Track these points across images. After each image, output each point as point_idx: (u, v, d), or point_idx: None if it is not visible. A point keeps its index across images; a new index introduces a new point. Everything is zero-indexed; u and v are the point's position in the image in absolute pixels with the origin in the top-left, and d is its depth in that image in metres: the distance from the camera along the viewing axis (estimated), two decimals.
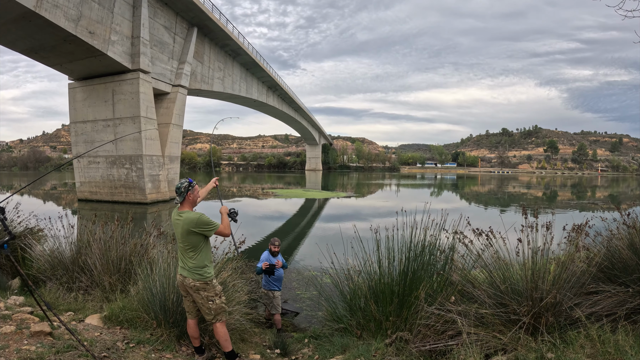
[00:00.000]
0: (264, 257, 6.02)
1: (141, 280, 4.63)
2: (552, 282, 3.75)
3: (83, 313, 4.73)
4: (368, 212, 23.88)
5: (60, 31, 20.28)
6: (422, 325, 3.90)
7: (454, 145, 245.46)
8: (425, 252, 4.14)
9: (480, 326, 3.82)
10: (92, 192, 28.66)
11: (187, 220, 3.56)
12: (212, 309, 3.66)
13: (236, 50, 40.63)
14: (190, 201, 3.73)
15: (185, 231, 3.57)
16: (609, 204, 30.87)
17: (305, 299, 7.89)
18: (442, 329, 3.97)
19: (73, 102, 28.41)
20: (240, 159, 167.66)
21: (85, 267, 5.66)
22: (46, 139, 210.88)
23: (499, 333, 3.70)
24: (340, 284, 4.55)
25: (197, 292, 3.64)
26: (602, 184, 72.88)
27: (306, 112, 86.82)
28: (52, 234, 6.44)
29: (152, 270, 4.64)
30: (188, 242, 3.61)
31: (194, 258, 3.62)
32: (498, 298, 3.94)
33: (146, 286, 4.45)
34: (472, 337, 3.66)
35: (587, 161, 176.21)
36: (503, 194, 44.46)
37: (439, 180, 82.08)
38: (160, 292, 4.28)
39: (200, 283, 3.62)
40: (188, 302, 3.81)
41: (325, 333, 4.34)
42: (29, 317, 4.02)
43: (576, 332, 3.50)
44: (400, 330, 3.81)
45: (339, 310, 4.30)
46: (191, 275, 3.61)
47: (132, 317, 4.35)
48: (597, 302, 3.91)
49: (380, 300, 3.99)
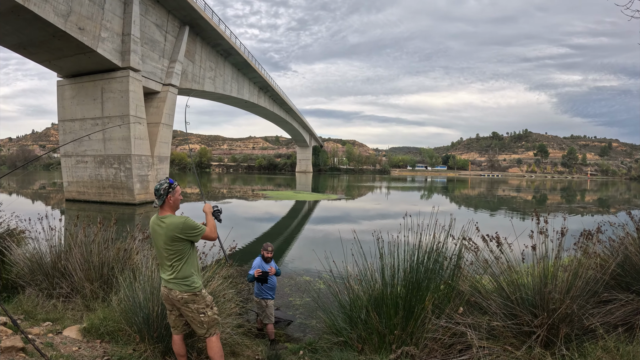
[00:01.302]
0: (256, 264, 5.68)
1: (123, 288, 4.27)
2: (565, 291, 3.53)
3: (61, 323, 4.37)
4: (358, 215, 23.71)
5: (49, 26, 19.78)
6: (429, 339, 3.63)
7: (444, 148, 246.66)
8: (431, 259, 3.85)
9: (490, 339, 3.59)
10: (79, 192, 28.08)
11: (171, 226, 3.20)
12: (204, 322, 3.31)
13: (228, 50, 40.24)
14: (171, 205, 3.34)
15: (170, 238, 3.21)
16: (601, 206, 31.00)
17: (299, 306, 7.56)
18: (450, 342, 3.71)
19: (62, 99, 27.80)
20: (230, 160, 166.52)
21: (66, 272, 5.27)
22: (35, 137, 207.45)
23: (510, 346, 3.48)
24: (339, 293, 4.23)
25: (186, 305, 3.28)
26: (591, 188, 73.53)
27: (297, 114, 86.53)
28: (34, 236, 6.02)
29: (135, 278, 4.29)
30: (173, 251, 3.24)
31: (179, 268, 3.26)
32: (508, 309, 3.72)
33: (128, 296, 4.11)
34: (483, 351, 3.42)
35: (577, 165, 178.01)
36: (493, 197, 44.55)
37: (429, 183, 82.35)
38: (143, 303, 3.91)
39: (189, 295, 3.27)
40: (173, 317, 3.45)
41: (322, 346, 4.03)
42: (1, 330, 3.66)
43: (593, 343, 3.32)
44: (406, 344, 3.51)
45: (338, 323, 3.96)
46: (177, 287, 3.25)
47: (113, 330, 4.01)
48: (610, 311, 3.75)
49: (384, 312, 3.69)
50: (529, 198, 44.07)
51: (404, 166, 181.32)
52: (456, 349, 3.62)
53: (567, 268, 3.77)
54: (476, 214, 25.03)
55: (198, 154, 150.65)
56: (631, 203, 39.51)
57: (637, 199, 47.25)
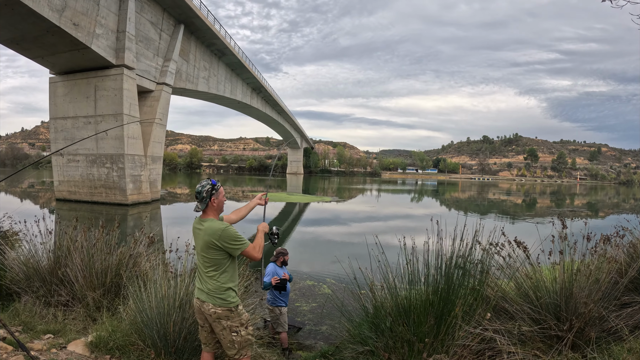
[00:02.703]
0: (270, 270, 5.45)
1: (133, 298, 3.95)
2: (591, 295, 3.55)
3: (64, 336, 4.05)
4: (349, 217, 23.66)
5: (43, 21, 19.38)
6: (458, 346, 3.53)
7: (435, 151, 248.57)
8: (460, 264, 3.75)
9: (517, 344, 3.52)
10: (70, 191, 27.58)
11: (209, 230, 2.90)
12: (235, 342, 2.98)
13: (222, 50, 39.99)
14: (214, 208, 3.02)
15: (206, 243, 2.91)
16: (593, 210, 31.29)
17: (306, 311, 7.41)
18: (478, 348, 3.63)
19: (54, 97, 27.30)
20: (221, 160, 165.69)
21: (65, 279, 4.89)
22: (25, 135, 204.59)
23: (538, 350, 3.46)
24: (361, 299, 4.09)
25: (218, 321, 2.96)
26: (581, 192, 74.42)
27: (289, 115, 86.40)
28: (28, 239, 5.57)
29: (144, 286, 3.95)
30: (209, 259, 2.94)
31: (215, 278, 2.95)
32: (534, 313, 3.70)
33: (140, 306, 3.77)
34: (512, 357, 3.36)
35: (567, 169, 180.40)
36: (483, 200, 44.83)
37: (420, 186, 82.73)
38: (158, 314, 3.58)
39: (223, 310, 2.94)
40: (205, 333, 3.13)
41: (347, 356, 3.87)
42: (1, 346, 3.40)
43: (618, 344, 3.32)
44: (437, 352, 3.40)
45: (363, 331, 3.81)
46: (211, 300, 2.94)
47: (124, 344, 3.69)
48: (630, 314, 3.75)
49: (412, 320, 3.57)
50: (518, 202, 44.41)
51: (394, 169, 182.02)
52: (487, 356, 3.54)
53: (591, 272, 3.76)
54: (474, 218, 25.06)
55: (189, 154, 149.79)
56: (620, 207, 40.03)
57: (626, 203, 47.96)
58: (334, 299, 7.94)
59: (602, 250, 4.51)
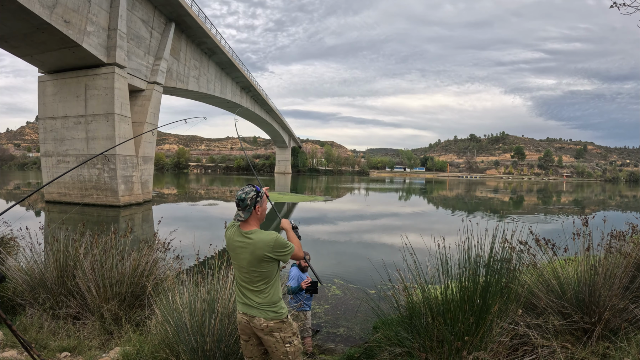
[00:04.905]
0: (294, 274, 5.24)
1: (160, 309, 3.70)
2: (615, 288, 3.76)
3: (83, 354, 3.78)
4: (348, 217, 23.65)
5: (34, 18, 18.92)
6: (494, 342, 3.60)
7: (422, 150, 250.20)
8: (496, 262, 3.81)
9: (548, 338, 3.64)
10: (60, 193, 27.03)
11: (260, 244, 2.73)
12: (289, 353, 2.87)
13: (212, 49, 39.73)
14: (258, 217, 2.85)
15: (258, 258, 2.75)
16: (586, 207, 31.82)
17: (321, 314, 7.34)
18: (511, 343, 3.72)
19: (42, 96, 26.70)
20: (208, 160, 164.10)
21: (74, 289, 4.62)
22: (10, 136, 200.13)
23: (567, 343, 3.64)
24: (396, 299, 4.10)
25: (270, 334, 2.84)
26: (567, 189, 75.63)
27: (278, 115, 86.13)
28: (30, 247, 5.18)
29: (171, 295, 3.73)
30: (259, 272, 2.79)
31: (266, 292, 2.82)
32: (561, 307, 3.88)
33: (169, 319, 3.53)
34: (545, 350, 3.50)
35: (553, 167, 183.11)
36: (471, 197, 45.32)
37: (408, 184, 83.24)
38: (191, 326, 3.39)
39: (276, 322, 2.83)
40: (250, 347, 2.99)
41: (383, 359, 3.88)
42: None
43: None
44: (477, 349, 3.45)
45: (400, 333, 3.83)
46: (263, 315, 2.81)
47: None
48: None
49: (448, 318, 3.61)
50: (506, 199, 44.96)
51: (382, 167, 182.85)
52: (520, 350, 3.63)
53: (610, 266, 3.94)
54: (475, 218, 25.31)
55: (176, 154, 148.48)
56: (606, 204, 40.84)
57: (612, 200, 48.95)
58: (343, 299, 7.97)
59: (618, 245, 4.67)
